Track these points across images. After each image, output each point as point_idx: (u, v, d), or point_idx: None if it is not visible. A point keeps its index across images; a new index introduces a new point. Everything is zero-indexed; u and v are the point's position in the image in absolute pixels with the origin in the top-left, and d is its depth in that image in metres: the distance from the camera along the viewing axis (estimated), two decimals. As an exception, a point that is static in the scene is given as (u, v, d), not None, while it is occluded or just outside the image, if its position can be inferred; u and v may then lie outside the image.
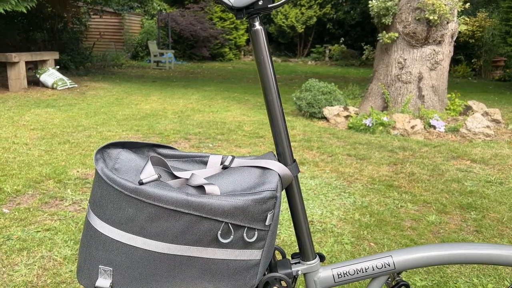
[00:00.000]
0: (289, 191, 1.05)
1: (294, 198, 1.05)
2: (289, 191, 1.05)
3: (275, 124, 1.02)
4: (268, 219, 0.94)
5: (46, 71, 8.12)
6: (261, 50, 0.96)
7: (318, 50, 17.81)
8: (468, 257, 1.06)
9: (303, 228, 1.07)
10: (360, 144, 4.52)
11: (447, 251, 1.07)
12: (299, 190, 1.05)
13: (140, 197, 0.88)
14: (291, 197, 1.06)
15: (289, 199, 1.07)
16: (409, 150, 4.34)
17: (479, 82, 11.23)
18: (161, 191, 0.88)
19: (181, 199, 0.88)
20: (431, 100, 5.86)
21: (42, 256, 2.13)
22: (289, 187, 1.05)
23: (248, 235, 0.94)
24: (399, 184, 3.33)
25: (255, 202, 0.92)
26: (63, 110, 5.95)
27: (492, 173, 3.64)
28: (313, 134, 4.97)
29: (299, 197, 1.06)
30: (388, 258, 1.08)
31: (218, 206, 0.90)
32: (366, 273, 1.07)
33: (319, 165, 3.78)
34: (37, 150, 3.93)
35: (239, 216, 0.91)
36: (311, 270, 1.08)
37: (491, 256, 1.06)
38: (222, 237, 0.92)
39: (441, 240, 2.45)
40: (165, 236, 0.90)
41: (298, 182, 1.05)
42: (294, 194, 1.05)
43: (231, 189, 0.96)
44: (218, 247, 0.93)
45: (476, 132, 5.04)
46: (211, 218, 0.90)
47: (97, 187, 0.93)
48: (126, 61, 14.08)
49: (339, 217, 2.73)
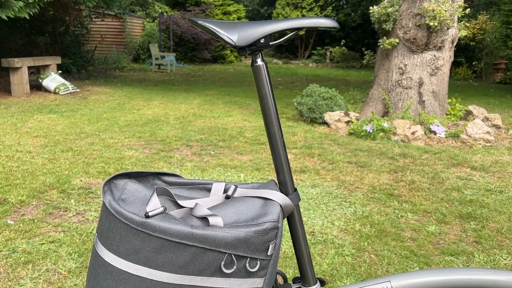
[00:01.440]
0: (290, 219, 1.08)
1: (295, 225, 1.08)
2: (290, 219, 1.08)
3: (276, 154, 1.05)
4: (270, 249, 0.97)
5: (48, 75, 8.16)
6: (263, 85, 1.00)
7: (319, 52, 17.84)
8: (466, 283, 1.09)
9: (304, 254, 1.10)
10: (361, 151, 4.54)
11: (446, 276, 1.09)
12: (300, 218, 1.08)
13: (147, 230, 0.91)
14: (292, 225, 1.09)
15: (290, 226, 1.10)
16: (410, 157, 4.36)
17: (480, 84, 11.25)
18: (167, 224, 0.91)
19: (186, 232, 0.91)
20: (432, 106, 5.89)
21: (47, 269, 2.16)
22: (290, 215, 1.08)
23: (250, 265, 0.97)
24: (399, 193, 3.36)
25: (257, 233, 0.95)
26: (65, 116, 5.98)
27: (492, 181, 3.67)
28: (314, 140, 5.00)
29: (300, 224, 1.09)
30: (387, 283, 1.10)
31: (222, 238, 0.93)
32: (365, 298, 1.10)
33: (320, 173, 3.81)
34: (41, 158, 3.96)
35: (242, 247, 0.94)
36: (312, 295, 1.11)
37: (492, 282, 1.09)
38: (226, 268, 0.95)
39: (440, 251, 2.48)
40: (170, 267, 0.93)
41: (299, 210, 1.08)
42: (295, 221, 1.08)
43: (234, 219, 0.99)
44: (221, 277, 0.96)
45: (477, 138, 5.06)
46: (214, 250, 0.93)
47: (104, 219, 0.96)
48: (127, 64, 14.12)
49: (340, 228, 2.75)
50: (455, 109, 6.12)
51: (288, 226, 1.09)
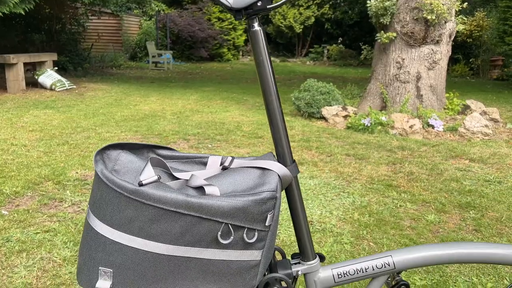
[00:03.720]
0: (289, 192, 1.05)
1: (294, 198, 1.06)
2: (288, 192, 1.05)
3: (274, 124, 1.02)
4: (268, 220, 0.94)
5: (44, 72, 8.11)
6: (260, 51, 0.97)
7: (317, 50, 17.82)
8: (468, 257, 1.06)
9: (303, 228, 1.07)
10: (359, 144, 4.52)
11: (447, 251, 1.07)
12: (298, 191, 1.06)
13: (140, 198, 0.88)
14: (291, 198, 1.06)
15: (288, 200, 1.07)
16: (408, 149, 4.34)
17: (477, 81, 11.25)
18: (161, 192, 0.88)
19: (181, 200, 0.88)
20: (430, 100, 5.87)
21: (41, 257, 2.13)
22: (289, 188, 1.05)
23: (248, 236, 0.94)
24: (398, 184, 3.34)
25: (255, 203, 0.92)
26: (61, 111, 5.94)
27: (490, 172, 3.65)
28: (312, 134, 4.97)
29: (299, 197, 1.06)
30: (388, 258, 1.08)
31: (218, 207, 0.90)
32: (366, 273, 1.08)
33: (318, 165, 3.79)
34: (36, 151, 3.92)
35: (239, 217, 0.92)
36: (311, 270, 1.08)
37: (491, 255, 1.06)
38: (222, 238, 0.92)
39: (440, 239, 2.46)
40: (165, 237, 0.90)
41: (297, 182, 1.05)
42: (294, 194, 1.05)
43: (231, 190, 0.96)
44: (218, 248, 0.94)
45: (475, 131, 5.05)
46: (211, 219, 0.90)
47: (96, 189, 0.93)
48: (124, 62, 14.07)
49: (338, 217, 2.73)
50: (453, 103, 6.11)
51: (286, 199, 1.07)
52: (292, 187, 1.05)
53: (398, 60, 5.85)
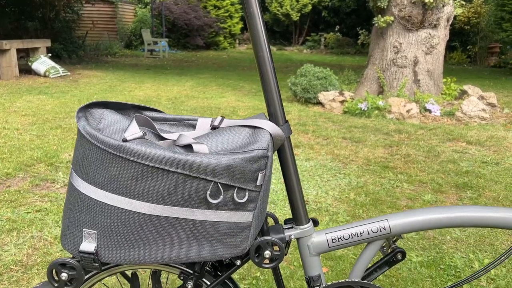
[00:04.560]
0: (281, 153, 1.01)
1: (287, 160, 1.02)
2: (281, 153, 1.01)
3: (266, 82, 0.97)
4: (259, 179, 0.90)
5: (38, 59, 8.01)
6: (251, 2, 0.92)
7: (314, 39, 17.71)
8: (466, 220, 1.03)
9: (296, 191, 1.04)
10: (356, 128, 4.49)
11: (445, 214, 1.03)
12: (291, 152, 1.02)
13: (124, 154, 0.83)
14: (284, 159, 1.02)
15: (281, 162, 1.03)
16: (405, 133, 4.31)
17: (474, 68, 11.21)
18: (146, 148, 0.84)
19: (167, 157, 0.84)
20: (427, 85, 5.83)
21: (32, 236, 2.09)
22: (281, 149, 1.01)
23: (238, 196, 0.90)
24: (394, 165, 3.31)
25: (245, 161, 0.88)
26: (55, 97, 5.87)
27: (488, 154, 3.63)
28: (309, 118, 4.93)
29: (292, 159, 1.02)
30: (384, 222, 1.04)
31: (207, 165, 0.86)
32: (361, 237, 1.04)
33: (314, 148, 3.75)
34: (29, 135, 3.87)
35: (229, 175, 0.88)
36: (304, 235, 1.05)
37: (491, 219, 1.03)
38: (212, 198, 0.88)
39: (437, 218, 2.43)
40: (151, 197, 0.86)
41: (290, 144, 1.01)
42: (287, 156, 1.01)
43: (221, 148, 0.92)
44: (207, 209, 0.90)
45: (472, 116, 5.02)
46: (199, 177, 0.86)
47: (79, 147, 0.89)
48: (119, 50, 13.93)
49: (334, 197, 2.70)
50: (450, 88, 6.07)
51: (279, 161, 1.03)
52: (284, 148, 1.01)
53: (396, 44, 5.79)
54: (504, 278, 1.85)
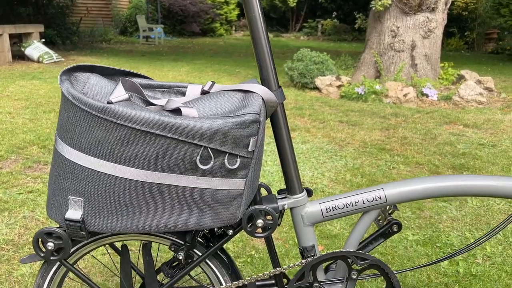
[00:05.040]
0: (274, 120, 0.98)
1: (280, 128, 0.98)
2: (274, 120, 0.98)
3: (258, 45, 0.94)
4: (251, 145, 0.88)
5: (31, 44, 7.90)
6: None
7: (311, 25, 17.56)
8: (463, 189, 1.01)
9: (290, 160, 1.01)
10: (352, 111, 4.46)
11: (441, 183, 1.01)
12: (285, 120, 0.98)
13: (109, 117, 0.80)
14: (277, 127, 0.99)
15: (274, 129, 1.00)
16: (402, 116, 4.29)
17: (472, 54, 11.16)
18: (132, 110, 0.81)
19: (155, 119, 0.81)
20: (424, 69, 5.78)
21: (24, 216, 2.06)
22: (274, 116, 0.98)
23: (229, 162, 0.87)
24: (391, 147, 3.29)
25: (236, 125, 0.85)
26: (48, 82, 5.80)
27: (484, 136, 3.61)
28: (305, 102, 4.90)
29: (285, 127, 0.99)
30: (380, 191, 1.02)
31: (196, 128, 0.82)
32: (356, 207, 1.02)
33: (311, 131, 3.72)
34: (21, 118, 3.82)
35: (220, 140, 0.84)
36: (298, 204, 1.02)
37: (489, 187, 1.00)
38: (201, 163, 0.85)
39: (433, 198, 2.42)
40: (138, 162, 0.83)
41: (283, 111, 0.98)
42: (280, 123, 0.98)
43: (211, 113, 0.88)
44: (197, 175, 0.87)
45: (469, 100, 4.99)
46: (188, 142, 0.83)
47: (63, 111, 0.86)
48: (114, 36, 13.77)
49: (330, 178, 2.68)
50: (448, 73, 6.03)
51: (272, 128, 0.99)
52: (277, 115, 0.97)
53: (393, 28, 5.73)
54: (500, 256, 1.84)
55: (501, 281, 1.67)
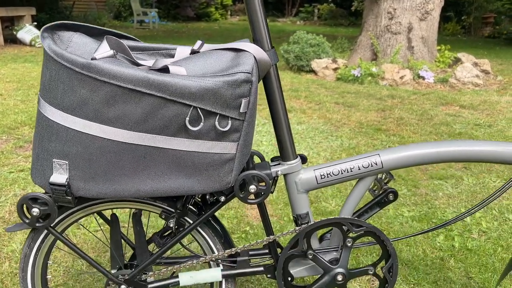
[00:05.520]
0: (267, 83, 0.95)
1: (273, 91, 0.95)
2: (267, 83, 0.95)
3: (250, 3, 0.90)
4: (242, 106, 0.84)
5: (23, 27, 7.76)
6: None
7: (307, 10, 17.38)
8: (461, 155, 0.98)
9: (283, 125, 0.98)
10: (348, 93, 4.42)
11: (438, 149, 0.98)
12: (278, 82, 0.95)
13: (93, 74, 0.76)
14: (270, 90, 0.95)
15: (267, 93, 0.96)
16: (398, 98, 4.26)
17: (469, 39, 11.09)
18: (117, 67, 0.77)
19: (141, 76, 0.77)
20: (421, 52, 5.74)
21: (15, 194, 2.03)
22: (267, 78, 0.94)
23: (221, 124, 0.84)
24: (387, 128, 3.26)
25: (227, 84, 0.81)
26: (41, 64, 5.70)
27: (481, 117, 3.59)
28: (301, 85, 4.85)
29: (279, 90, 0.96)
30: (376, 156, 0.99)
31: (184, 87, 0.79)
32: (351, 173, 0.99)
33: (306, 112, 3.69)
34: (13, 100, 3.76)
35: (210, 100, 0.81)
36: (291, 171, 1.00)
37: (487, 153, 0.98)
38: (191, 125, 0.82)
39: (429, 176, 2.40)
40: (125, 122, 0.80)
41: (277, 73, 0.95)
42: (273, 86, 0.95)
43: (201, 72, 0.85)
44: (187, 137, 0.84)
45: (465, 82, 4.97)
46: (177, 101, 0.80)
47: (45, 70, 0.82)
48: (108, 21, 13.58)
49: (325, 158, 2.66)
50: (444, 56, 5.98)
51: (264, 92, 0.96)
52: (270, 77, 0.94)
53: (390, 10, 5.66)
54: (496, 231, 1.84)
55: (497, 255, 1.66)
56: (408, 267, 1.59)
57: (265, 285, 1.48)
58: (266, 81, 0.94)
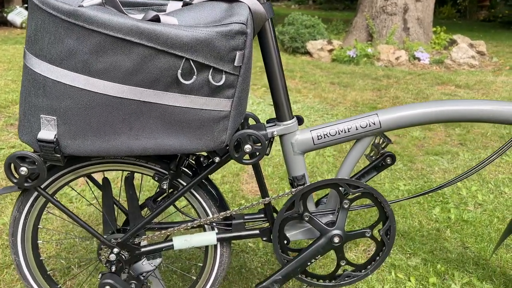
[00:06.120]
0: (263, 38, 0.92)
1: (269, 46, 0.92)
2: (262, 38, 0.92)
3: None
4: (237, 60, 0.81)
5: (13, 9, 7.61)
6: None
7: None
8: (460, 114, 0.96)
9: (279, 83, 0.95)
10: (344, 74, 4.39)
11: (437, 108, 0.96)
12: (274, 38, 0.92)
13: (81, 22, 0.73)
14: (265, 46, 0.92)
15: (263, 49, 0.93)
16: (394, 77, 4.23)
17: (464, 23, 11.04)
18: (106, 15, 0.73)
19: (131, 25, 0.74)
20: (416, 33, 5.69)
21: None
22: (263, 33, 0.91)
23: (214, 78, 0.81)
24: (383, 106, 3.24)
25: (220, 35, 0.78)
26: (32, 46, 5.60)
27: (476, 96, 3.58)
28: (296, 66, 4.81)
29: (274, 46, 0.93)
30: (374, 116, 0.97)
31: (176, 36, 0.76)
32: (348, 134, 0.97)
33: (302, 92, 3.66)
34: (4, 80, 3.69)
35: (202, 51, 0.78)
36: (287, 131, 0.97)
37: (485, 112, 0.96)
38: (184, 78, 0.79)
39: (425, 152, 2.39)
40: (114, 75, 0.77)
41: (273, 28, 0.92)
42: (269, 41, 0.92)
43: (193, 23, 0.81)
44: (180, 92, 0.81)
45: (461, 63, 4.94)
46: (168, 52, 0.76)
47: (31, 20, 0.78)
48: (100, 4, 13.36)
49: (321, 134, 2.64)
50: (440, 37, 5.94)
51: (260, 48, 0.93)
52: (266, 32, 0.91)
53: (386, -10, 5.60)
54: (492, 203, 1.83)
55: (493, 226, 1.66)
56: (404, 238, 1.59)
57: (260, 255, 1.47)
58: (262, 36, 0.91)
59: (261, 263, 1.44)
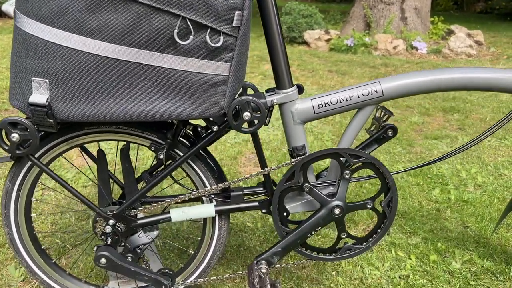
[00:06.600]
0: (262, 3, 0.89)
1: (268, 10, 0.89)
2: (261, 3, 0.89)
3: None
4: (235, 20, 0.78)
5: (7, 0, 7.52)
6: None
7: (299, -14, 17.12)
8: (462, 82, 0.94)
9: (279, 50, 0.92)
10: (342, 62, 4.36)
11: (441, 76, 0.94)
12: (274, 2, 0.89)
13: (74, -24, 0.70)
14: (265, 9, 0.90)
15: (262, 13, 0.90)
16: (392, 66, 4.21)
17: (461, 14, 11.02)
18: (100, -31, 0.70)
19: (125, -20, 0.71)
20: (414, 23, 5.67)
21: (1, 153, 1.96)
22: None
23: (212, 39, 0.78)
24: (381, 93, 3.22)
25: (218, -7, 0.75)
26: (26, 36, 5.54)
27: (475, 83, 3.56)
28: (293, 54, 4.78)
29: (274, 11, 0.90)
30: (376, 84, 0.95)
31: (173, -7, 0.73)
32: (350, 102, 0.95)
33: (299, 79, 3.63)
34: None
35: (199, 9, 0.75)
36: (287, 100, 0.95)
37: (488, 80, 0.94)
38: (180, 38, 0.76)
39: (424, 136, 2.38)
40: (108, 34, 0.74)
41: (272, -9, 0.89)
42: (268, 5, 0.89)
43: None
44: (176, 54, 0.78)
45: (459, 52, 4.93)
46: (164, 10, 0.73)
47: (21, -23, 0.75)
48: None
49: (319, 120, 2.62)
50: (437, 27, 5.92)
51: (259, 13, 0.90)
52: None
53: (383, -21, 5.56)
54: (492, 185, 1.82)
55: (493, 206, 1.64)
56: (404, 218, 1.57)
57: (258, 234, 1.45)
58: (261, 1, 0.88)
59: (260, 242, 1.42)
